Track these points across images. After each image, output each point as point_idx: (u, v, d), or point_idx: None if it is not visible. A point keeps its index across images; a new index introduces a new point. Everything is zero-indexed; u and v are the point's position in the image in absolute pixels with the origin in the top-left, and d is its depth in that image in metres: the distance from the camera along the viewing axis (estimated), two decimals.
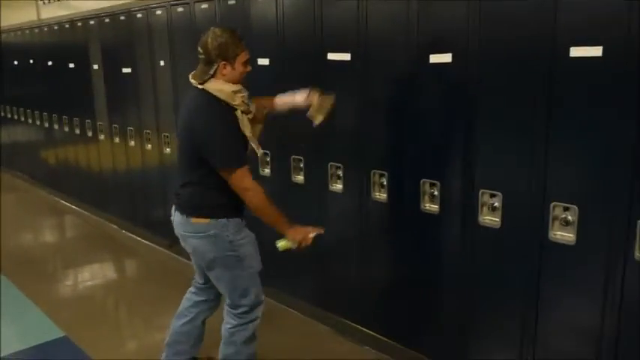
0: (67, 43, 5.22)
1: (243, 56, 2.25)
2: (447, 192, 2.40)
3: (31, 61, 5.96)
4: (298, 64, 2.98)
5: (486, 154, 2.24)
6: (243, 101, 2.25)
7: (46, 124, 5.94)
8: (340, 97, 2.57)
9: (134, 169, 4.58)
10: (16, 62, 6.35)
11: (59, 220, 5.66)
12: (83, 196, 5.60)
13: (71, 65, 5.16)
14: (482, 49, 2.17)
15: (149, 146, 4.28)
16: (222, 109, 2.22)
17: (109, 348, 3.08)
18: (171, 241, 4.32)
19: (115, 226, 5.09)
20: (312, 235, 2.33)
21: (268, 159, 3.26)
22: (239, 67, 2.24)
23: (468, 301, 2.42)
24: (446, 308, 2.54)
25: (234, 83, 2.24)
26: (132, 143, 4.49)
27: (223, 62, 2.20)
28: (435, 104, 2.40)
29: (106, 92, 4.75)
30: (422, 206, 2.48)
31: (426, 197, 2.47)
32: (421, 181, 2.46)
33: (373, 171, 2.68)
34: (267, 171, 3.28)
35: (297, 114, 2.49)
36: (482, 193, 2.25)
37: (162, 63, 3.95)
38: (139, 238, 4.74)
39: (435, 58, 2.31)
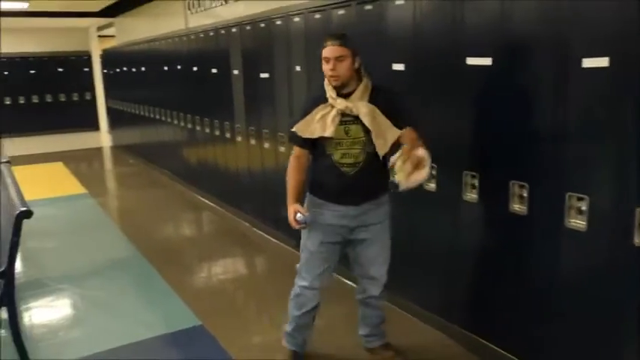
0: (210, 49, 5.58)
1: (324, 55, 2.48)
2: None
3: (179, 67, 6.45)
4: (434, 69, 2.92)
5: None
6: (331, 97, 2.50)
7: (189, 125, 6.39)
8: (479, 104, 2.49)
9: (268, 170, 4.78)
10: (165, 68, 6.90)
11: (197, 215, 6.06)
12: (219, 193, 5.95)
13: (214, 70, 5.50)
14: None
15: (282, 149, 4.43)
16: (311, 97, 2.65)
17: (240, 339, 3.22)
18: (297, 241, 4.45)
19: (247, 224, 5.34)
20: (292, 217, 2.56)
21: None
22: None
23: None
24: None
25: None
26: (266, 145, 4.68)
27: None
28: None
29: (245, 96, 5.00)
30: (566, 221, 2.33)
31: (572, 212, 2.31)
32: (566, 195, 2.31)
33: (512, 182, 2.55)
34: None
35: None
36: None
37: (297, 68, 4.07)
38: (268, 237, 4.93)
39: (590, 63, 2.15)
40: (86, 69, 13.22)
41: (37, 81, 12.88)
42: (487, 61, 2.57)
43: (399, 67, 3.10)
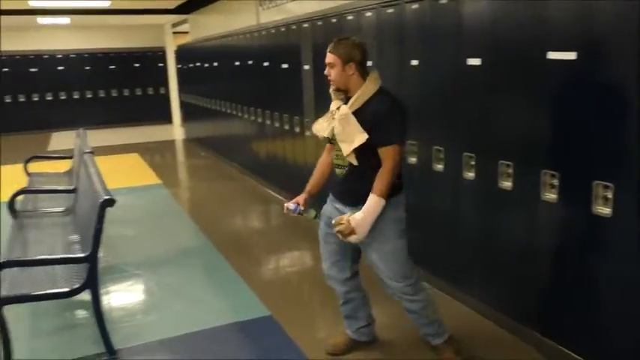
0: (282, 45, 5.65)
1: None
2: None
3: (250, 62, 6.58)
4: (513, 64, 2.83)
5: None
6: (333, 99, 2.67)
7: (259, 119, 6.50)
8: (561, 100, 2.39)
9: None
10: (237, 63, 7.05)
11: (265, 208, 6.17)
12: (287, 187, 6.02)
13: (284, 66, 5.57)
14: None
15: None
16: None
17: (307, 331, 3.27)
18: None
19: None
20: (286, 205, 2.82)
21: (473, 162, 3.17)
22: None
23: None
24: None
25: None
26: None
27: None
28: None
29: (315, 91, 5.04)
30: None
31: None
32: None
33: (596, 182, 2.44)
34: (470, 175, 3.20)
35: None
36: None
37: (369, 63, 4.04)
38: None
39: None
40: (161, 64, 13.74)
41: (116, 76, 13.50)
42: (571, 55, 2.47)
43: (474, 61, 3.04)
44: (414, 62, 3.54)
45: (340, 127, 2.54)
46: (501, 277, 3.13)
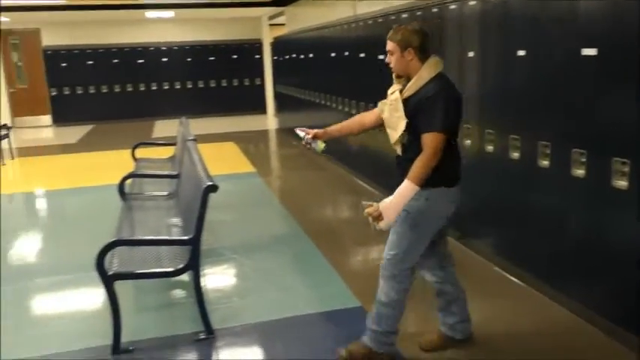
0: (379, 36, 5.58)
1: None
2: None
3: (346, 54, 6.59)
4: (632, 54, 2.63)
5: None
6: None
7: (353, 111, 6.49)
8: None
9: None
10: (332, 54, 7.09)
11: (355, 199, 6.17)
12: (378, 179, 6.00)
13: (381, 57, 5.51)
14: None
15: None
16: None
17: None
18: (462, 232, 4.34)
19: None
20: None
21: (583, 159, 3.00)
22: None
23: None
24: None
25: None
26: None
27: None
28: None
29: None
30: None
31: None
32: None
33: None
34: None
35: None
36: None
37: (470, 54, 3.93)
38: None
39: None
40: (257, 56, 14.09)
41: (215, 67, 14.01)
42: None
43: (589, 52, 2.85)
44: (521, 52, 3.38)
45: (388, 113, 2.58)
46: (604, 278, 2.96)
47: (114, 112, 13.40)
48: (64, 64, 13.23)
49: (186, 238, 3.02)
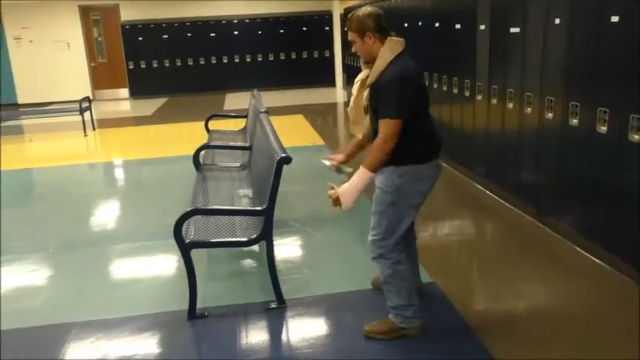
0: (456, 4, 5.37)
1: None
2: None
3: (420, 24, 6.38)
4: None
5: None
6: None
7: (426, 83, 6.32)
8: None
9: (509, 132, 4.50)
10: (405, 25, 6.88)
11: None
12: (452, 153, 5.82)
13: (457, 26, 5.31)
14: None
15: (529, 110, 4.12)
16: None
17: (470, 300, 3.20)
18: (539, 209, 4.15)
19: (479, 187, 5.16)
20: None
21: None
22: None
23: None
24: None
25: None
26: (510, 105, 4.40)
27: None
28: None
29: (490, 53, 4.74)
30: None
31: None
32: None
33: None
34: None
35: None
36: None
37: (557, 21, 3.69)
38: (503, 202, 4.69)
39: None
40: (327, 28, 13.97)
41: (285, 39, 14.02)
42: None
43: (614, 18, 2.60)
44: (615, 19, 3.13)
45: (353, 107, 2.73)
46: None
47: (187, 85, 13.72)
48: (140, 38, 13.64)
49: (260, 208, 3.04)
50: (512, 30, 4.26)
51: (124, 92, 14.13)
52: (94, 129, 9.44)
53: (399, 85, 2.50)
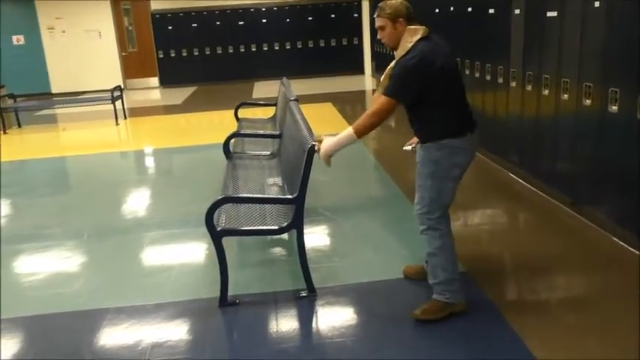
0: None
1: None
2: None
3: (452, 8, 6.25)
4: None
5: None
6: None
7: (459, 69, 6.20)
8: None
9: (544, 119, 4.39)
10: (437, 10, 6.76)
11: None
12: (484, 141, 5.70)
13: (491, 11, 5.18)
14: None
15: (565, 96, 4.00)
16: None
17: (502, 291, 3.16)
18: (574, 199, 4.05)
19: (512, 175, 5.06)
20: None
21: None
22: None
23: None
24: None
25: None
26: (545, 92, 4.28)
27: None
28: None
29: (525, 38, 4.62)
30: None
31: None
32: None
33: None
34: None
35: None
36: None
37: (596, 4, 3.56)
38: (537, 191, 4.59)
39: None
40: (355, 15, 13.85)
41: (313, 27, 13.95)
42: None
43: None
44: None
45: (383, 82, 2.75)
46: None
47: (215, 74, 13.78)
48: (170, 27, 13.73)
49: (291, 197, 3.03)
50: (549, 14, 4.14)
51: (154, 81, 14.28)
52: (125, 118, 9.56)
53: (408, 71, 2.60)
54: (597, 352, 2.53)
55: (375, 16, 2.76)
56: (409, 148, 3.13)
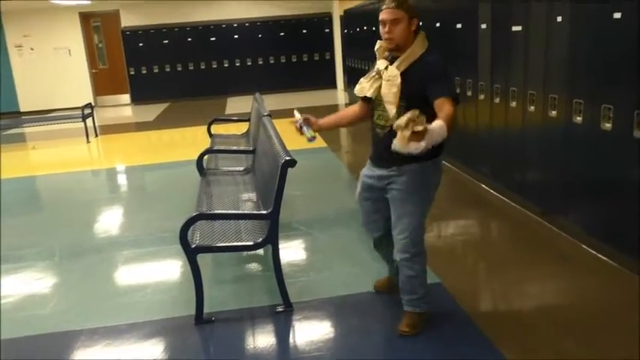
0: (456, 3, 5.37)
1: None
2: None
3: (420, 24, 6.35)
4: None
5: None
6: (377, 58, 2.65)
7: None
8: None
9: (513, 130, 4.50)
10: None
11: None
12: (455, 152, 5.80)
13: (458, 25, 5.30)
14: None
15: (532, 108, 4.11)
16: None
17: (476, 300, 3.20)
18: (544, 208, 4.14)
19: (483, 186, 5.15)
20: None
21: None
22: None
23: None
24: None
25: None
26: (513, 104, 4.39)
27: None
28: None
29: (491, 52, 4.74)
30: None
31: None
32: None
33: None
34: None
35: None
36: None
37: (559, 19, 3.68)
38: (508, 201, 4.69)
39: None
40: (327, 30, 13.99)
41: (285, 42, 14.02)
42: None
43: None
44: (617, 15, 3.12)
45: (387, 89, 2.51)
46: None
47: (188, 90, 13.74)
48: (141, 44, 13.67)
49: (265, 212, 3.04)
50: (515, 28, 4.26)
51: (126, 98, 14.16)
52: (96, 135, 9.46)
53: (447, 67, 2.53)
54: (569, 354, 2.59)
55: (389, 6, 2.48)
56: (298, 116, 3.02)
